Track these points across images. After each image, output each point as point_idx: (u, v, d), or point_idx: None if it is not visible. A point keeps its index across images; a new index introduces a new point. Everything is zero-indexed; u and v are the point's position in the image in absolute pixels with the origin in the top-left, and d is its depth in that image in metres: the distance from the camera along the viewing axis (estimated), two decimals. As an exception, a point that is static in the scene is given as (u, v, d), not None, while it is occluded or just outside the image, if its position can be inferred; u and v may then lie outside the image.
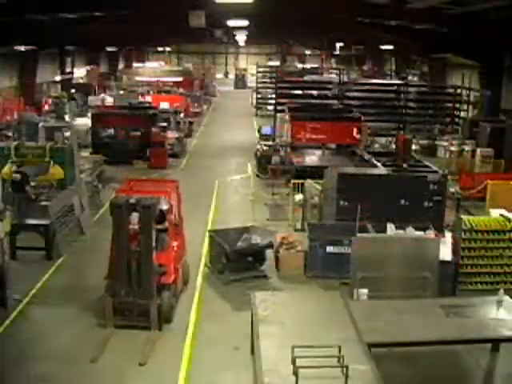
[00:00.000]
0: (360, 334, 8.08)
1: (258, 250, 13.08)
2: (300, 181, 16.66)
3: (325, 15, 27.49)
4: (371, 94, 31.28)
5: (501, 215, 11.98)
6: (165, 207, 10.82)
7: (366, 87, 32.20)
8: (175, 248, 11.35)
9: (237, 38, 49.51)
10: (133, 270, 10.04)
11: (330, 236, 12.93)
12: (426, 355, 9.43)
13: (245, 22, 29.97)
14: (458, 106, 30.37)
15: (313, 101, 28.92)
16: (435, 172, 15.50)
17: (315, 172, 17.13)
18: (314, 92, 31.12)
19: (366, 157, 18.89)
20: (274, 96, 35.65)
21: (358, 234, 11.03)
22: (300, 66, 57.54)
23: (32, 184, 15.45)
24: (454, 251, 11.63)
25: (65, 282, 12.41)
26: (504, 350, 9.57)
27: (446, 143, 25.12)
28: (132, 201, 10.06)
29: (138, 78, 50.27)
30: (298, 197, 16.28)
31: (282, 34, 51.64)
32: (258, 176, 21.81)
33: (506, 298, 9.56)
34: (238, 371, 9.18)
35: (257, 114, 41.24)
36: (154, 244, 10.05)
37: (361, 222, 11.54)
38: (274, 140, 25.07)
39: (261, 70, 44.97)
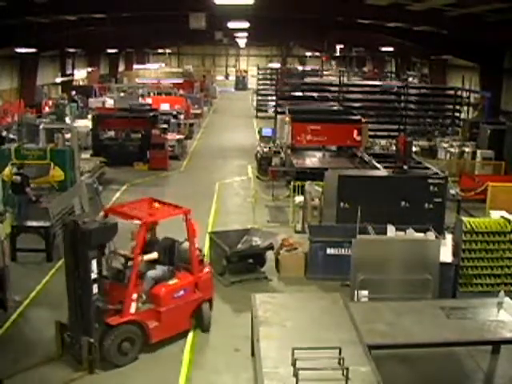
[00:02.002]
0: (360, 335, 8.07)
1: (259, 252, 13.07)
2: (300, 183, 16.66)
3: (325, 17, 27.52)
4: (371, 95, 31.32)
5: (501, 217, 11.98)
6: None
7: (367, 89, 32.24)
8: (163, 286, 9.78)
9: (237, 39, 49.53)
10: (78, 301, 9.06)
11: (330, 238, 12.93)
12: (426, 357, 9.43)
13: (245, 24, 29.98)
14: (458, 107, 30.39)
15: (313, 102, 29.01)
16: (436, 174, 15.49)
17: (316, 174, 17.13)
18: (315, 94, 31.19)
19: (367, 158, 18.89)
20: (274, 97, 35.76)
21: (359, 236, 11.03)
22: (300, 67, 57.53)
23: (32, 186, 15.48)
24: (455, 253, 11.62)
25: (65, 284, 12.36)
26: (505, 351, 9.57)
27: (446, 145, 25.14)
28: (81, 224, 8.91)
29: (138, 80, 50.38)
30: (299, 199, 16.27)
31: (282, 36, 51.66)
32: (258, 178, 21.82)
33: (507, 299, 9.56)
34: (239, 373, 9.17)
35: (257, 116, 41.27)
36: (93, 275, 8.84)
37: (361, 224, 11.53)
38: (274, 142, 25.08)
39: (261, 71, 44.98)
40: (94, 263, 8.84)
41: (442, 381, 9.21)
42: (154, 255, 9.89)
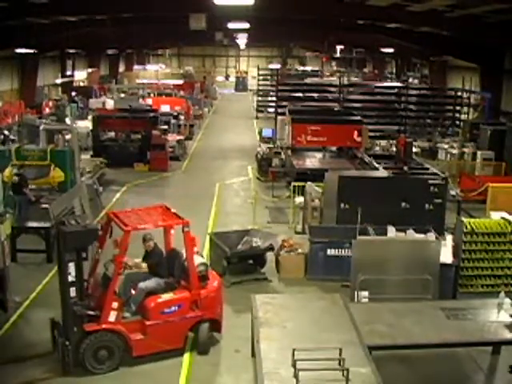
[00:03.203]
0: (361, 336, 8.07)
1: (259, 253, 13.07)
2: (301, 183, 16.66)
3: (325, 18, 27.54)
4: (372, 96, 31.34)
5: (501, 218, 11.97)
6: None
7: (367, 90, 32.27)
8: (154, 298, 9.38)
9: (237, 40, 49.56)
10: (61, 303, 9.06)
11: (330, 238, 12.92)
12: (426, 358, 9.42)
13: (245, 25, 30.00)
14: (458, 108, 30.40)
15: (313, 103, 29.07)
16: (436, 175, 15.49)
17: (316, 175, 17.15)
18: (315, 94, 31.25)
19: (367, 159, 18.89)
20: (274, 98, 35.77)
21: (359, 237, 11.02)
22: (301, 68, 57.56)
23: (32, 187, 15.46)
24: (455, 254, 11.61)
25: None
26: (505, 352, 9.56)
27: (446, 146, 25.16)
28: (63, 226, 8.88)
29: (138, 81, 50.41)
30: (299, 199, 16.28)
31: (282, 37, 51.71)
32: (258, 179, 21.84)
33: (507, 300, 9.55)
34: (239, 374, 9.17)
35: (257, 117, 41.28)
36: (70, 278, 8.76)
37: (361, 225, 11.53)
38: (274, 142, 25.09)
39: (261, 72, 45.00)
40: (72, 266, 8.72)
41: (443, 382, 9.20)
42: (143, 265, 9.69)
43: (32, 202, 14.80)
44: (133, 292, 9.55)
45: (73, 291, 8.81)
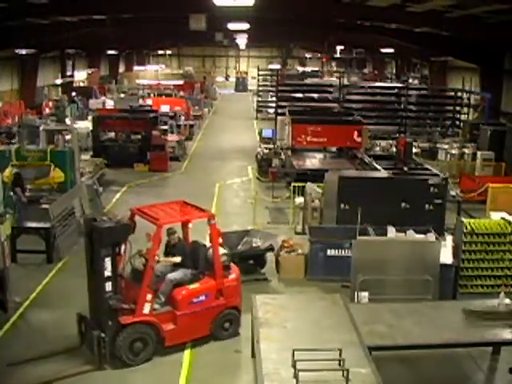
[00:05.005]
0: (361, 337, 8.08)
1: (259, 253, 13.07)
2: (301, 184, 16.66)
3: (325, 18, 27.55)
4: (372, 97, 31.32)
5: (501, 218, 11.97)
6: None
7: (367, 90, 32.25)
8: (183, 289, 9.69)
9: (237, 41, 49.59)
10: (93, 297, 9.32)
11: (330, 239, 12.92)
12: (426, 358, 9.42)
13: (245, 25, 30.01)
14: (458, 108, 30.38)
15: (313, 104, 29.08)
16: (436, 175, 15.48)
17: (316, 175, 17.14)
18: (315, 95, 31.25)
19: (367, 160, 18.88)
20: (274, 99, 35.78)
21: (359, 237, 11.02)
22: (301, 69, 57.57)
23: (30, 187, 15.46)
24: (455, 254, 11.61)
25: (65, 285, 12.38)
26: (505, 352, 9.56)
27: (446, 146, 25.13)
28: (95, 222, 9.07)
29: (138, 81, 50.42)
30: (299, 200, 16.27)
31: (282, 37, 51.77)
32: (258, 179, 21.82)
33: (507, 300, 9.55)
34: (239, 375, 9.17)
35: (257, 117, 41.28)
36: (106, 273, 8.94)
37: (361, 225, 11.53)
38: (274, 143, 25.09)
39: (261, 73, 44.99)
40: (108, 261, 8.95)
41: (443, 382, 9.20)
42: (177, 259, 9.92)
43: (23, 201, 14.73)
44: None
45: (108, 286, 9.01)
